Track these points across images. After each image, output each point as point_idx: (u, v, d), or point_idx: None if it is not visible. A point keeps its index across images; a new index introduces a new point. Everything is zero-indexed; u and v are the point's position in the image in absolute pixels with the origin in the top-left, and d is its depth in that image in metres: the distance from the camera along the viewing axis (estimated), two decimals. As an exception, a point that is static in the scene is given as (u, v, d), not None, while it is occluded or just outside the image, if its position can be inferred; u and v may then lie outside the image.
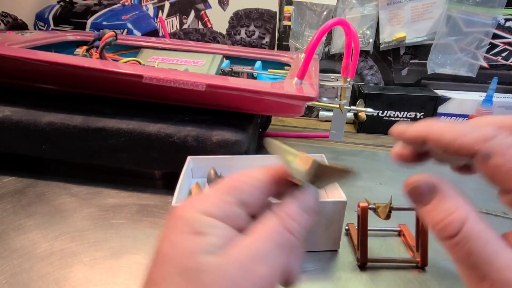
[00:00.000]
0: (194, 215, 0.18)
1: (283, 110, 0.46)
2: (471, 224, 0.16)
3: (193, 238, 0.17)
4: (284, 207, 0.20)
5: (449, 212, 0.17)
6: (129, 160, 0.46)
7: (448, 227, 0.17)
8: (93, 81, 0.47)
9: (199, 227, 0.18)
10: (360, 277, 0.35)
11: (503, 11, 0.71)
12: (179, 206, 0.19)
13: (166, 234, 0.18)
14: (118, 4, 0.84)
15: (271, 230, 0.19)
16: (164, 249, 0.18)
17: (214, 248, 0.17)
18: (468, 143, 0.17)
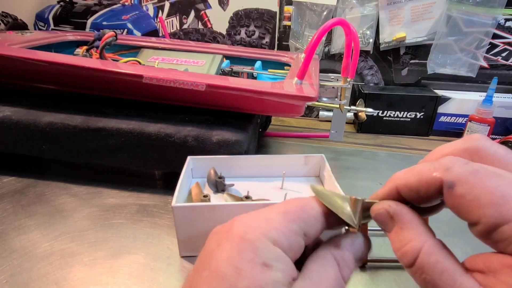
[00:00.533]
0: (264, 243, 0.17)
1: (283, 110, 0.46)
2: (425, 255, 0.17)
3: (261, 270, 0.17)
4: (343, 253, 0.19)
5: (404, 242, 0.18)
6: (129, 160, 0.46)
7: (404, 256, 0.17)
8: (93, 81, 0.47)
9: (267, 259, 0.17)
10: (360, 277, 0.35)
11: (503, 11, 0.71)
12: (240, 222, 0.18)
13: (230, 257, 0.17)
14: (118, 4, 0.84)
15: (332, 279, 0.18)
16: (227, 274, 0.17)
17: (279, 286, 0.17)
18: (430, 177, 0.17)
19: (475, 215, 0.16)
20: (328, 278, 0.18)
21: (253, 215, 0.19)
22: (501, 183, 0.16)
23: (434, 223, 0.34)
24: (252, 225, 0.18)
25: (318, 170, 0.46)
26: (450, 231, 0.37)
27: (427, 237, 0.17)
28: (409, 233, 0.18)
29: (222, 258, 0.17)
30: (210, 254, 0.18)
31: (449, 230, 0.37)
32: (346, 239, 0.20)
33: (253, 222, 0.18)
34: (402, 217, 0.18)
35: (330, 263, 0.19)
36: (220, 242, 0.18)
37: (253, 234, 0.17)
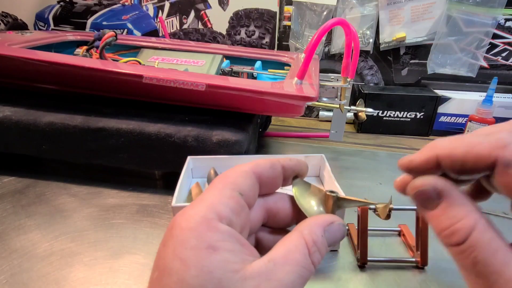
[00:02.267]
0: (205, 225, 0.17)
1: (283, 110, 0.46)
2: (479, 233, 0.16)
3: (207, 254, 0.16)
4: (317, 238, 0.19)
5: (456, 219, 0.16)
6: (129, 160, 0.46)
7: (455, 234, 0.16)
8: (93, 81, 0.47)
9: (212, 241, 0.16)
10: (360, 277, 0.35)
11: (503, 11, 0.71)
12: (180, 216, 0.18)
13: (173, 250, 0.16)
14: (118, 4, 0.84)
15: (299, 265, 0.17)
16: (174, 269, 0.16)
17: (231, 268, 0.16)
18: (484, 151, 0.16)
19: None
20: (294, 263, 0.17)
21: (191, 204, 0.18)
22: None
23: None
24: (190, 213, 0.17)
25: (318, 170, 0.46)
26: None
27: (479, 214, 0.16)
28: (461, 210, 0.16)
29: (169, 254, 0.16)
30: (159, 255, 0.17)
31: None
32: (321, 222, 0.19)
33: (190, 209, 0.18)
34: (452, 193, 0.17)
35: (299, 246, 0.18)
36: (165, 242, 0.17)
37: (192, 219, 0.17)
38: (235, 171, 0.20)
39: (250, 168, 0.21)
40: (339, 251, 0.38)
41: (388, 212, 0.35)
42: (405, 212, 0.35)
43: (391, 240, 0.40)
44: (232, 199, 0.18)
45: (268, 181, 0.21)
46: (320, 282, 0.34)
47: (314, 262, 0.18)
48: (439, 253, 0.37)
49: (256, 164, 0.21)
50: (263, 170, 0.21)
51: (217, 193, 0.19)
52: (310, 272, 0.18)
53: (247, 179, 0.20)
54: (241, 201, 0.19)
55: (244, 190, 0.19)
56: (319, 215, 0.20)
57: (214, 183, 0.19)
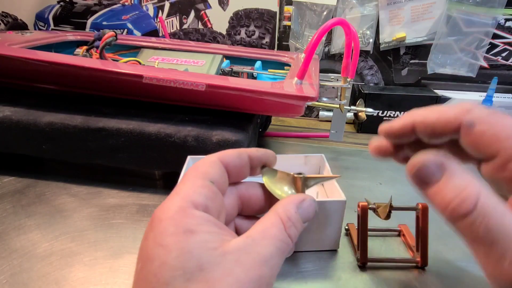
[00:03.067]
0: (181, 214, 0.18)
1: (283, 110, 0.46)
2: (485, 198, 0.15)
3: (185, 237, 0.17)
4: (290, 213, 0.20)
5: (460, 188, 0.16)
6: (129, 160, 0.46)
7: (463, 204, 0.16)
8: (93, 81, 0.47)
9: (189, 225, 0.17)
10: (360, 277, 0.35)
11: (503, 11, 0.71)
12: (158, 209, 0.19)
13: (153, 239, 0.18)
14: (118, 4, 0.84)
15: (276, 238, 0.19)
16: (155, 255, 0.17)
17: (210, 246, 0.17)
18: (451, 116, 0.18)
19: (494, 148, 0.17)
20: (271, 236, 0.19)
21: (167, 198, 0.20)
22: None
23: (434, 224, 0.34)
24: (167, 204, 0.19)
25: (318, 170, 0.46)
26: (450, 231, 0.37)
27: (480, 181, 0.17)
28: (463, 179, 0.17)
29: (150, 243, 0.18)
30: (141, 249, 0.18)
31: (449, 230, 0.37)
32: (293, 200, 0.21)
33: (167, 202, 0.19)
34: (452, 164, 0.17)
35: (275, 222, 0.19)
36: (146, 235, 0.18)
37: (169, 210, 0.18)
38: (204, 162, 0.22)
39: (218, 158, 0.22)
40: (339, 251, 0.38)
41: (388, 212, 0.35)
42: (405, 212, 0.35)
43: (391, 240, 0.40)
44: (204, 188, 0.20)
45: (235, 170, 0.23)
46: (320, 282, 0.34)
47: (290, 235, 0.20)
48: (439, 253, 0.37)
49: (223, 154, 0.23)
50: (230, 159, 0.22)
51: (190, 184, 0.20)
52: (288, 245, 0.19)
53: (215, 168, 0.21)
54: (213, 188, 0.20)
55: (214, 178, 0.21)
56: (290, 195, 0.22)
57: (186, 175, 0.21)
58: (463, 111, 0.18)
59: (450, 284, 0.34)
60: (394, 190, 0.50)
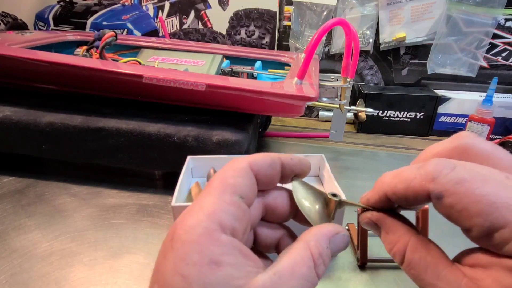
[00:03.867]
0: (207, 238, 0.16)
1: (283, 110, 0.46)
2: (409, 253, 0.18)
3: (210, 270, 0.15)
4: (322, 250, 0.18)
5: (392, 244, 0.19)
6: (129, 160, 0.46)
7: (394, 257, 0.19)
8: (93, 81, 0.47)
9: (214, 255, 0.16)
10: (360, 277, 0.35)
11: (503, 11, 0.71)
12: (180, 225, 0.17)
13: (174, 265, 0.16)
14: (118, 4, 0.84)
15: (304, 279, 0.17)
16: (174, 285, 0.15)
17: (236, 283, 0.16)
18: (417, 187, 0.17)
19: (466, 224, 0.16)
20: (300, 277, 0.17)
21: (189, 210, 0.17)
22: (489, 190, 0.15)
23: (434, 224, 0.34)
24: (190, 223, 0.17)
25: (318, 170, 0.46)
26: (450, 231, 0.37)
27: (410, 236, 0.19)
28: (394, 236, 0.19)
29: (169, 269, 0.16)
30: (158, 268, 0.17)
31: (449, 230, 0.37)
32: (327, 233, 0.19)
33: (190, 219, 0.17)
34: (385, 223, 0.20)
35: (305, 259, 0.18)
36: (165, 253, 0.17)
37: (194, 231, 0.16)
38: (233, 169, 0.19)
39: (248, 165, 0.20)
40: (339, 251, 0.38)
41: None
42: (405, 213, 0.35)
43: (391, 240, 0.40)
44: (233, 205, 0.18)
45: (265, 180, 0.21)
46: (320, 282, 0.34)
47: (318, 274, 0.18)
48: (439, 253, 0.37)
49: (254, 160, 0.20)
50: (262, 168, 0.20)
51: (217, 199, 0.17)
52: (314, 285, 0.18)
53: (246, 179, 0.19)
54: (242, 205, 0.18)
55: (244, 192, 0.18)
56: (323, 225, 0.20)
57: (212, 186, 0.18)
58: (427, 179, 0.17)
59: (450, 284, 0.34)
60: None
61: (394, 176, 0.19)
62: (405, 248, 0.18)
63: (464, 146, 0.19)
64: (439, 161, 0.17)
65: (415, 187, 0.17)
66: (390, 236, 0.19)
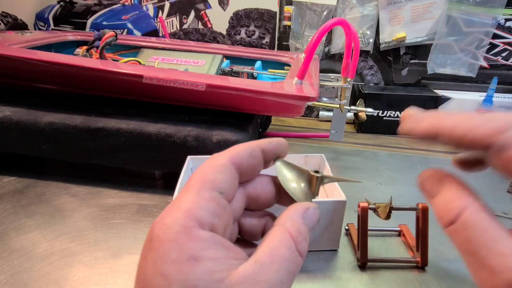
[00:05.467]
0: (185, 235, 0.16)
1: (283, 110, 0.46)
2: (469, 212, 0.17)
3: (189, 266, 0.15)
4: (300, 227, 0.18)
5: (450, 200, 0.18)
6: (129, 160, 0.46)
7: (448, 214, 0.17)
8: (93, 81, 0.47)
9: (193, 251, 0.16)
10: (360, 277, 0.35)
11: (503, 11, 0.71)
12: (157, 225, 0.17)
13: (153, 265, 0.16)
14: (118, 4, 0.84)
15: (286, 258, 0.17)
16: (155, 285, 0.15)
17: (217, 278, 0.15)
18: (481, 136, 0.17)
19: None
20: (281, 259, 0.17)
21: (167, 209, 0.17)
22: None
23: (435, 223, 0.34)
24: (168, 222, 0.16)
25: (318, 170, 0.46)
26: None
27: (473, 198, 0.17)
28: (455, 193, 0.18)
29: (149, 269, 0.16)
30: (139, 269, 0.17)
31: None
32: (299, 210, 0.19)
33: (168, 217, 0.17)
34: (450, 181, 0.19)
35: (284, 242, 0.18)
36: (145, 255, 0.17)
37: (171, 230, 0.16)
38: (212, 165, 0.19)
39: (229, 159, 0.19)
40: (339, 251, 0.38)
41: (388, 212, 0.35)
42: (405, 212, 0.35)
43: (391, 240, 0.40)
44: (212, 201, 0.17)
45: (248, 170, 0.20)
46: (320, 282, 0.34)
47: (301, 252, 0.18)
48: (439, 253, 0.37)
49: (235, 153, 0.20)
50: (243, 160, 0.20)
51: (194, 196, 0.17)
52: (298, 265, 0.18)
53: (226, 174, 0.19)
54: (222, 200, 0.18)
55: (224, 188, 0.18)
56: (294, 205, 0.20)
57: (191, 183, 0.18)
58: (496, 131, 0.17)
59: (450, 284, 0.34)
60: (394, 190, 0.50)
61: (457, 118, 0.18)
62: (465, 205, 0.17)
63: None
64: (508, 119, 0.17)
65: (478, 135, 0.17)
66: (450, 193, 0.18)
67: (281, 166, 0.22)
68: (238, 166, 0.20)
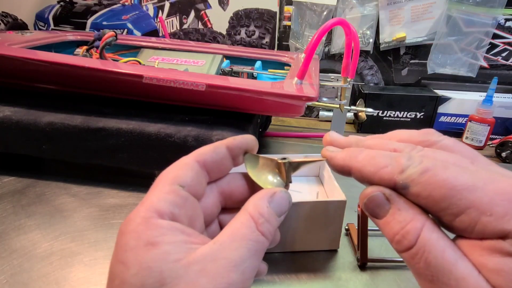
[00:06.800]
0: (144, 225, 0.17)
1: (283, 110, 0.46)
2: (426, 233, 0.16)
3: (145, 251, 0.16)
4: (262, 209, 0.19)
5: (405, 222, 0.17)
6: (129, 160, 0.46)
7: (405, 238, 0.16)
8: (93, 81, 0.47)
9: (151, 237, 0.16)
10: (360, 277, 0.35)
11: (503, 11, 0.71)
12: (124, 223, 0.18)
13: (115, 255, 0.17)
14: (118, 4, 0.84)
15: (246, 237, 0.17)
16: (116, 273, 0.16)
17: (173, 258, 0.16)
18: (386, 176, 0.18)
19: (434, 210, 0.16)
20: (241, 238, 0.17)
21: (136, 207, 0.18)
22: (449, 175, 0.16)
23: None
24: (130, 217, 0.18)
25: (318, 170, 0.46)
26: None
27: (425, 216, 0.17)
28: (408, 213, 0.17)
29: (113, 260, 0.17)
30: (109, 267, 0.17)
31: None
32: (264, 195, 0.20)
33: (131, 214, 0.18)
34: (398, 199, 0.18)
35: (244, 221, 0.18)
36: (114, 250, 0.18)
37: (132, 222, 0.17)
38: (175, 165, 0.20)
39: (193, 158, 0.21)
40: (339, 251, 0.38)
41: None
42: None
43: (391, 240, 0.40)
44: (171, 193, 0.18)
45: (215, 166, 0.21)
46: (320, 282, 0.34)
47: (264, 232, 0.18)
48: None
49: (198, 152, 0.21)
50: (206, 157, 0.21)
51: (156, 191, 0.18)
52: (262, 244, 0.18)
53: (188, 171, 0.20)
54: (182, 192, 0.19)
55: (185, 182, 0.19)
56: (261, 190, 0.20)
57: (155, 182, 0.19)
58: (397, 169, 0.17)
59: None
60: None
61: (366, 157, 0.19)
62: (421, 227, 0.16)
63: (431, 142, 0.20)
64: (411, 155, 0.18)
65: (383, 175, 0.18)
66: (403, 214, 0.17)
67: (249, 159, 0.22)
68: (203, 163, 0.21)
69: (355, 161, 0.19)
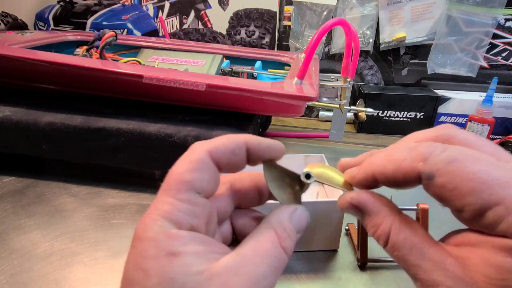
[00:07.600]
0: (164, 234, 0.16)
1: (283, 110, 0.46)
2: (394, 234, 0.17)
3: (167, 261, 0.15)
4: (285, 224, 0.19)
5: (376, 227, 0.18)
6: (129, 160, 0.46)
7: (379, 239, 0.18)
8: (93, 81, 0.47)
9: (172, 247, 0.16)
10: (360, 277, 0.35)
11: (503, 11, 0.71)
12: (138, 226, 0.17)
13: (134, 261, 0.16)
14: (118, 4, 0.84)
15: (269, 253, 0.17)
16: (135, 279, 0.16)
17: (196, 270, 0.15)
18: (408, 168, 0.17)
19: (458, 203, 0.16)
20: (264, 253, 0.17)
21: (148, 211, 0.17)
22: (480, 168, 0.15)
23: (435, 223, 0.34)
24: (147, 222, 0.17)
25: (318, 170, 0.46)
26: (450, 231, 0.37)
27: (393, 216, 0.18)
28: (377, 218, 0.18)
29: (130, 265, 0.16)
30: (124, 271, 0.17)
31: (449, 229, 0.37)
32: (286, 211, 0.20)
33: (147, 219, 0.17)
34: (367, 205, 0.19)
35: (268, 237, 0.18)
36: (128, 255, 0.17)
37: (151, 229, 0.16)
38: (189, 161, 0.18)
39: (207, 153, 0.18)
40: (339, 251, 0.38)
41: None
42: (405, 212, 0.35)
43: (391, 240, 0.40)
44: (189, 203, 0.17)
45: (228, 167, 0.19)
46: (320, 282, 0.34)
47: (286, 249, 0.18)
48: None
49: (214, 146, 0.18)
50: (223, 156, 0.18)
51: (171, 199, 0.17)
52: (282, 261, 0.18)
53: (203, 172, 0.18)
54: (199, 200, 0.18)
55: (201, 187, 0.18)
56: (282, 206, 0.20)
57: (168, 182, 0.18)
58: (418, 158, 0.17)
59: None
60: (394, 190, 0.50)
61: (383, 157, 0.19)
62: (389, 229, 0.18)
63: (448, 135, 0.18)
64: (431, 143, 0.17)
65: (405, 168, 0.17)
66: (373, 218, 0.19)
67: (268, 170, 0.21)
68: (217, 161, 0.19)
69: (375, 165, 0.19)
